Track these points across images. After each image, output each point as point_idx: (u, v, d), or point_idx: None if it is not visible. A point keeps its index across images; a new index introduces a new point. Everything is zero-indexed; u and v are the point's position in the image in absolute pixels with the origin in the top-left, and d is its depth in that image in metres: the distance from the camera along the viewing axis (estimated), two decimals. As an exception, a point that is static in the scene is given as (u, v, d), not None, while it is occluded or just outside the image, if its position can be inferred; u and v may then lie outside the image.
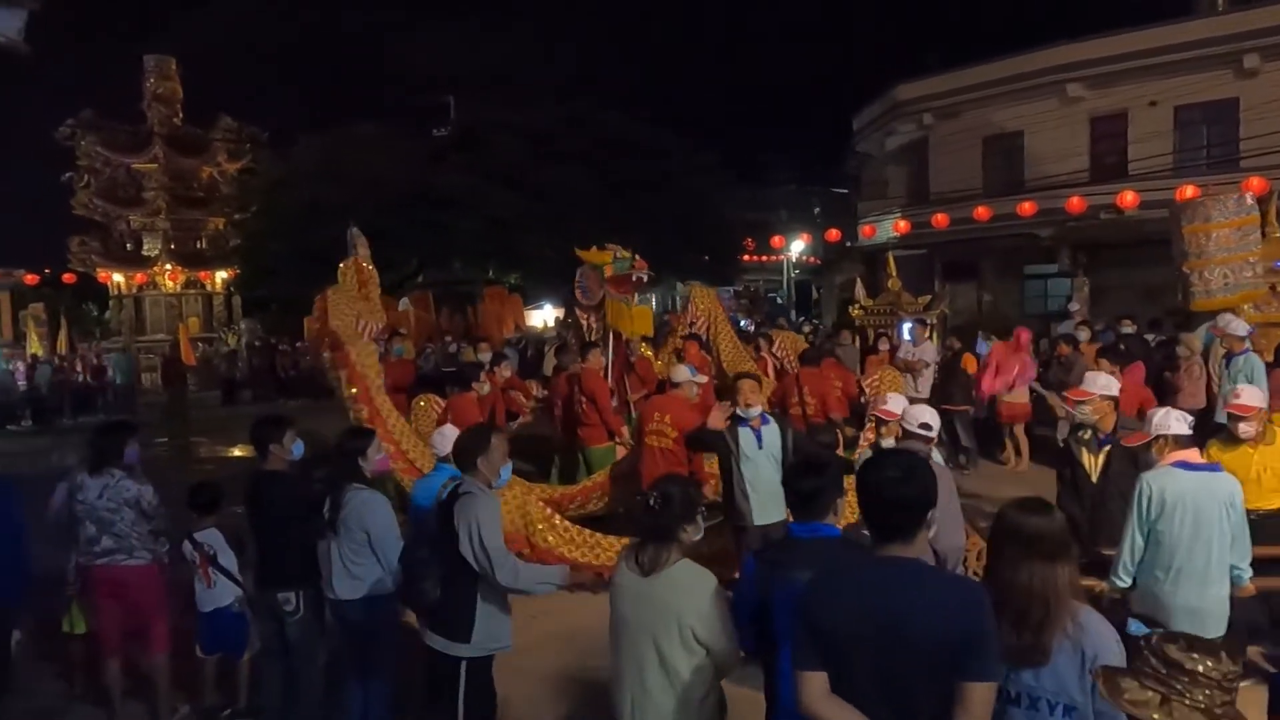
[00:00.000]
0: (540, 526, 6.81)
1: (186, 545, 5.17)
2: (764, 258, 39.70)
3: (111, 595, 5.07)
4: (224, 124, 32.45)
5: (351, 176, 23.42)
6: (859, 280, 16.63)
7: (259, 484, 4.85)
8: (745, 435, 5.86)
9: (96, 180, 31.48)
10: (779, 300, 41.31)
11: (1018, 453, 11.12)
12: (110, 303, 34.12)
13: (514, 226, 24.06)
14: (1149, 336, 12.12)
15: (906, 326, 13.47)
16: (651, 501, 3.14)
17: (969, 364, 11.41)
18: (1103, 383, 5.34)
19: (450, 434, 5.34)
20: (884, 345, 12.35)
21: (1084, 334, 11.89)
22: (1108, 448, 5.17)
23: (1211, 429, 6.40)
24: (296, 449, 4.95)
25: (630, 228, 22.95)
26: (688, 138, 28.45)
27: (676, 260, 24.89)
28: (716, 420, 6.06)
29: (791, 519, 3.28)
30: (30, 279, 31.63)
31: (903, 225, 24.49)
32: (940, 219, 22.50)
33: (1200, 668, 2.06)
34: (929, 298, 14.97)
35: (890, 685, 2.33)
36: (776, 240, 32.75)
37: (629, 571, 3.18)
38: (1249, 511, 4.68)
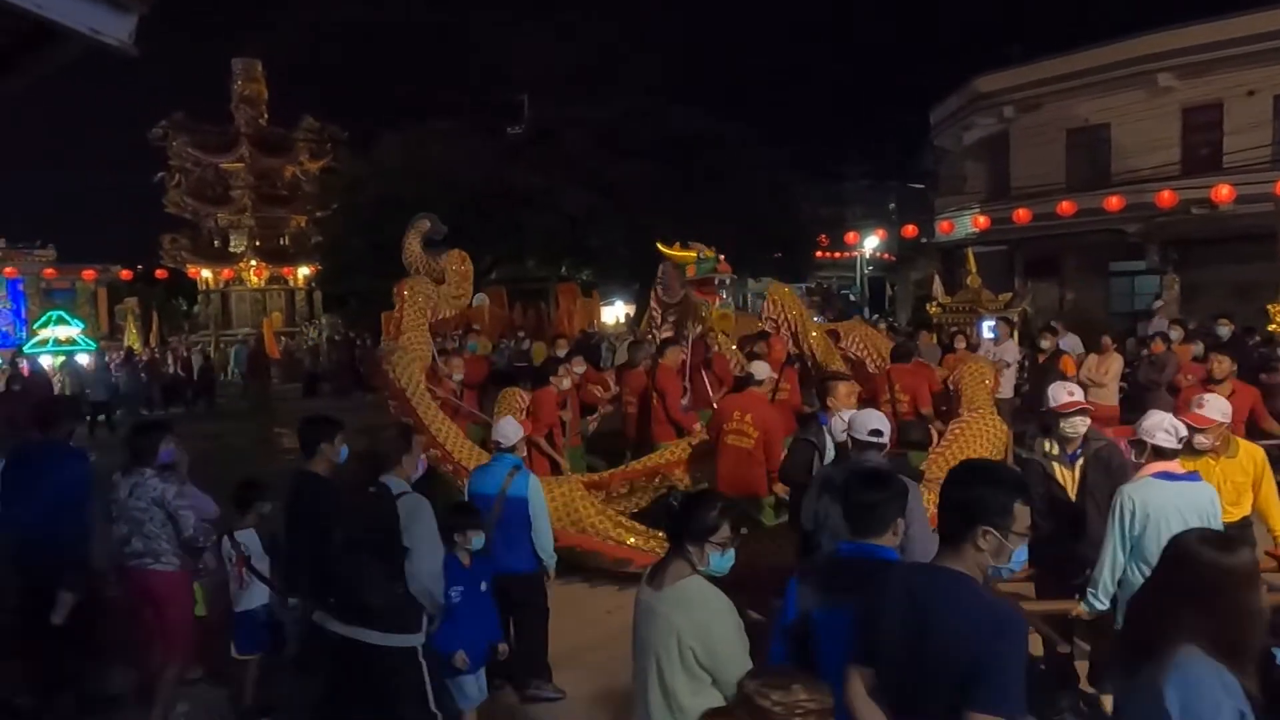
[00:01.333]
0: (593, 518, 6.85)
1: (226, 543, 5.10)
2: (837, 254, 39.21)
3: (139, 599, 4.97)
4: (306, 124, 33.41)
5: (428, 174, 23.90)
6: (936, 277, 16.32)
7: (299, 485, 4.72)
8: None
9: (187, 180, 32.72)
10: (852, 297, 40.78)
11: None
12: (198, 297, 35.43)
13: (586, 223, 24.26)
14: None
15: (986, 324, 13.16)
16: (673, 499, 2.97)
17: (1067, 365, 11.05)
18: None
19: (511, 426, 5.49)
20: (960, 344, 12.08)
21: (1176, 332, 11.45)
22: (1080, 461, 4.76)
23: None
24: (344, 453, 4.85)
25: (702, 223, 22.94)
26: (761, 133, 28.34)
27: (749, 257, 24.76)
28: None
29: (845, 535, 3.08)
30: (125, 275, 33.03)
31: (982, 221, 23.92)
32: (1022, 214, 21.91)
33: (767, 703, 2.26)
34: (1009, 295, 14.63)
35: (906, 696, 2.30)
36: (850, 236, 32.31)
37: (646, 587, 2.98)
38: None
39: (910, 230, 27.20)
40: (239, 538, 5.07)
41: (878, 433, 4.48)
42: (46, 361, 23.51)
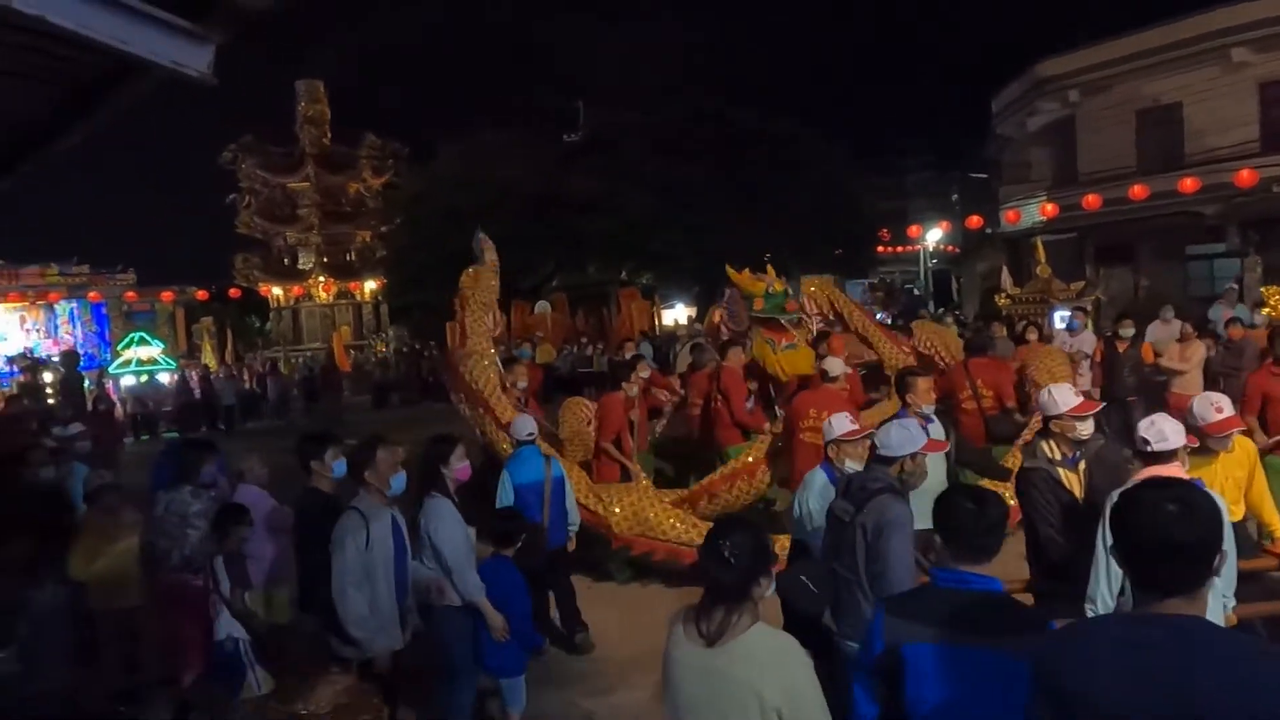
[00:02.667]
0: (664, 523, 6.87)
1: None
2: (899, 248, 38.63)
3: (175, 609, 5.11)
4: (369, 141, 34.15)
5: (487, 184, 24.21)
6: (1005, 268, 15.94)
7: (302, 503, 4.83)
8: None
9: (256, 200, 33.72)
10: (916, 292, 40.11)
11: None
12: (270, 315, 36.44)
13: (645, 227, 24.29)
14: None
15: (1059, 315, 12.81)
16: (727, 553, 2.53)
17: (1147, 354, 10.73)
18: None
19: (527, 420, 6.25)
20: (1033, 335, 11.79)
21: (1258, 316, 11.02)
22: (1082, 464, 4.49)
23: None
24: (338, 468, 4.77)
25: (761, 222, 22.81)
26: (818, 127, 28.07)
27: (809, 254, 24.55)
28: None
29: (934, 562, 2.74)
30: (201, 295, 34.11)
31: (1050, 209, 23.34)
32: (1091, 200, 21.30)
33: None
34: (1081, 284, 14.22)
35: None
36: (913, 230, 31.83)
37: (688, 642, 2.59)
38: None
39: (975, 221, 26.66)
40: (215, 563, 4.82)
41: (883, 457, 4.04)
42: (129, 381, 24.46)
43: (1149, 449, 3.87)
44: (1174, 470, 3.76)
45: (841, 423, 4.53)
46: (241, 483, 5.91)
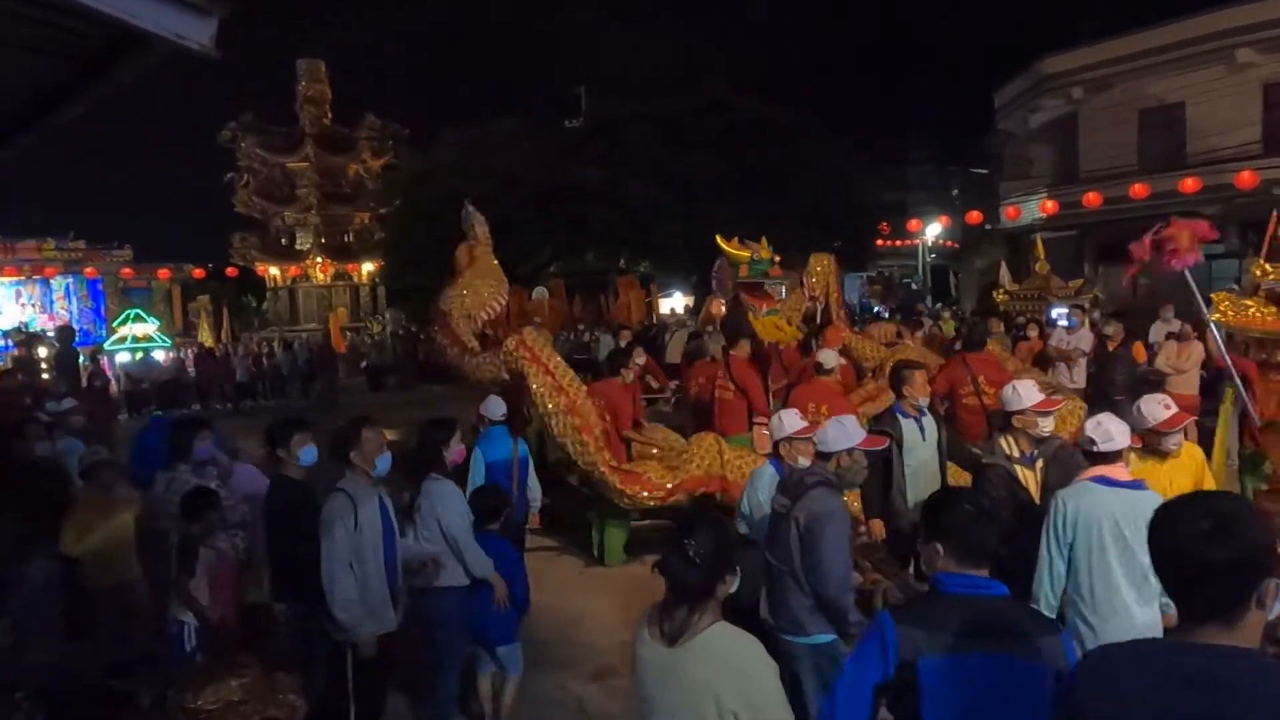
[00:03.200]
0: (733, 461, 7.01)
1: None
2: (898, 242, 38.55)
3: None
4: (369, 122, 33.98)
5: (488, 171, 24.10)
6: (1004, 264, 15.95)
7: (272, 489, 4.80)
8: (909, 426, 5.47)
9: (255, 179, 33.57)
10: (914, 286, 40.09)
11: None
12: (267, 294, 36.34)
13: (646, 215, 24.22)
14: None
15: (1056, 312, 12.83)
16: (691, 552, 2.45)
17: (1139, 353, 10.75)
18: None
19: (497, 402, 6.45)
20: (1033, 332, 11.81)
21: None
22: (1039, 462, 4.54)
23: None
24: (306, 454, 4.76)
25: (762, 213, 22.76)
26: (819, 119, 27.93)
27: (809, 246, 24.48)
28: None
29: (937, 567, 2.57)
30: (198, 273, 34.01)
31: (1050, 206, 23.31)
32: (1092, 198, 21.28)
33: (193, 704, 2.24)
34: (1080, 282, 14.25)
35: None
36: (913, 224, 31.72)
37: (651, 642, 2.54)
38: None
39: (975, 216, 26.62)
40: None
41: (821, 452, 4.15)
42: (124, 358, 24.41)
43: (1094, 449, 3.84)
44: (1118, 472, 3.78)
45: (791, 420, 4.54)
46: (237, 461, 5.91)
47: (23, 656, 5.15)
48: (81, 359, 21.75)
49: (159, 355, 24.91)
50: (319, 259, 34.14)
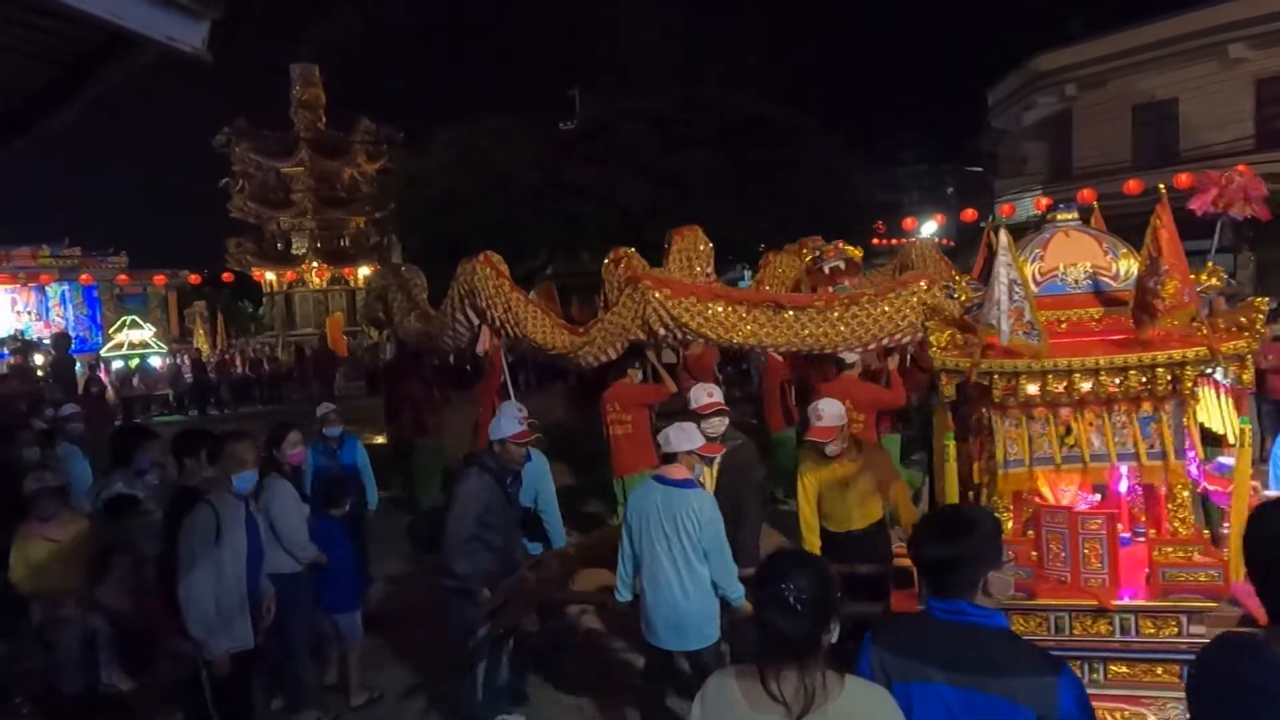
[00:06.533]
0: None
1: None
2: (895, 240, 38.56)
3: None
4: (363, 126, 33.98)
5: (483, 171, 24.08)
6: (999, 261, 15.96)
7: (170, 503, 4.73)
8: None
9: (250, 184, 33.54)
10: (910, 284, 40.08)
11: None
12: (263, 300, 36.29)
13: (641, 214, 24.19)
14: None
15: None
16: (791, 598, 2.06)
17: None
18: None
19: (329, 408, 7.08)
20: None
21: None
22: (716, 461, 4.78)
23: None
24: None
25: (757, 211, 22.73)
26: (814, 117, 27.92)
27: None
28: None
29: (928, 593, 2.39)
30: (194, 279, 33.93)
31: (1044, 202, 23.36)
32: (1086, 194, 21.29)
33: None
34: (1076, 277, 14.24)
35: None
36: (908, 222, 31.74)
37: (759, 713, 2.08)
38: (844, 533, 4.78)
39: (970, 214, 26.64)
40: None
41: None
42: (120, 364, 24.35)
43: (675, 448, 4.28)
44: (674, 470, 4.23)
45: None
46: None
47: (15, 663, 5.14)
48: (78, 366, 21.72)
49: (155, 361, 24.86)
50: (315, 263, 34.11)
